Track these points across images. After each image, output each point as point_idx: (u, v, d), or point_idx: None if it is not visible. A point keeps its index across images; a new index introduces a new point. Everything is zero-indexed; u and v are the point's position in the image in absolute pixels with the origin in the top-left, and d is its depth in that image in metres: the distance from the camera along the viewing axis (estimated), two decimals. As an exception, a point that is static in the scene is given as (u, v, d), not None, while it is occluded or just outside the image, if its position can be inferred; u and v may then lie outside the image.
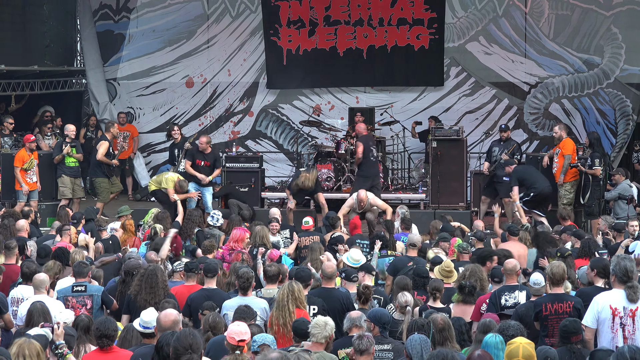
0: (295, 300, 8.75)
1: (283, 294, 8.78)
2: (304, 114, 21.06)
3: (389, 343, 8.11)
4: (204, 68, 21.51)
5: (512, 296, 9.41)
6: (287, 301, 8.71)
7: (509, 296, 9.42)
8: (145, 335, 7.82)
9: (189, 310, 9.43)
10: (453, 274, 10.45)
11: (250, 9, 21.27)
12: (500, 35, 20.56)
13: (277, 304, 8.78)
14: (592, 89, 20.35)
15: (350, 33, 20.77)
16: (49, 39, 21.19)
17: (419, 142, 20.26)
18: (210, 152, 16.96)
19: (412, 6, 20.50)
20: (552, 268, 9.03)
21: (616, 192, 16.38)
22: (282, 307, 8.71)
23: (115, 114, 21.24)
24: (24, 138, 16.60)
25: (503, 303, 9.36)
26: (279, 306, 8.74)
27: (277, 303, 8.80)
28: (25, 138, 16.57)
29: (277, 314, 8.70)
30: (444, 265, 10.55)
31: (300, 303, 8.80)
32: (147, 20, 21.51)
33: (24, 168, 16.31)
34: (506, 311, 9.23)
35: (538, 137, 20.63)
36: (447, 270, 10.45)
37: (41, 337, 7.23)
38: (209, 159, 16.86)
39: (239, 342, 7.04)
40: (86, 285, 9.84)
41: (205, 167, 16.79)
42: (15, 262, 11.09)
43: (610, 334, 8.20)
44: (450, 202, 18.04)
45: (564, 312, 8.68)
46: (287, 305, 8.69)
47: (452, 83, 20.89)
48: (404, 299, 9.11)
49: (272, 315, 8.81)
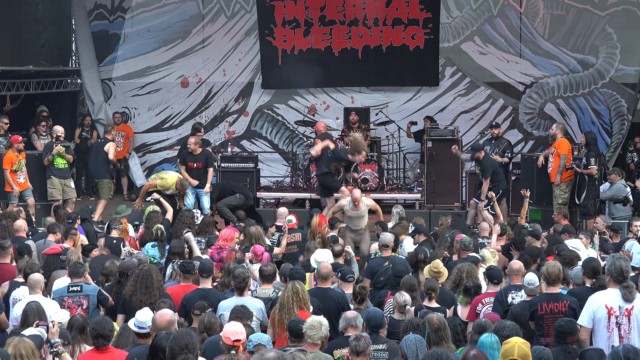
0: (300, 302, 8.72)
1: (287, 296, 8.72)
2: (299, 113, 21.07)
3: (384, 343, 8.10)
4: (199, 68, 21.51)
5: (519, 294, 9.37)
6: (292, 303, 8.67)
7: (516, 294, 9.39)
8: (140, 335, 7.81)
9: (185, 310, 9.42)
10: (441, 274, 10.44)
11: (245, 9, 21.26)
12: (495, 35, 20.58)
13: (280, 305, 8.73)
14: (587, 89, 20.38)
15: (345, 33, 20.78)
16: (44, 39, 21.17)
17: (414, 142, 20.27)
18: (200, 153, 16.64)
19: (407, 6, 20.51)
20: (548, 268, 9.05)
21: (611, 192, 16.40)
22: (287, 308, 8.65)
23: (110, 114, 21.23)
24: (11, 139, 16.49)
25: (510, 301, 9.34)
26: (282, 307, 8.69)
27: (280, 304, 8.74)
28: (12, 139, 16.46)
29: (281, 315, 8.66)
30: (433, 265, 10.56)
31: (304, 304, 8.77)
32: (142, 20, 21.49)
33: (13, 170, 16.23)
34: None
35: (533, 137, 20.65)
36: (435, 271, 10.46)
37: (36, 336, 7.22)
38: (200, 160, 16.60)
39: (234, 342, 7.03)
40: (82, 285, 9.83)
41: (197, 168, 16.58)
42: (10, 262, 11.07)
43: (606, 333, 8.21)
44: (445, 202, 18.07)
45: (560, 312, 8.69)
46: (292, 308, 8.64)
47: (447, 83, 20.90)
48: (402, 298, 9.10)
49: (275, 316, 8.76)
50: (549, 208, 16.29)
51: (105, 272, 10.56)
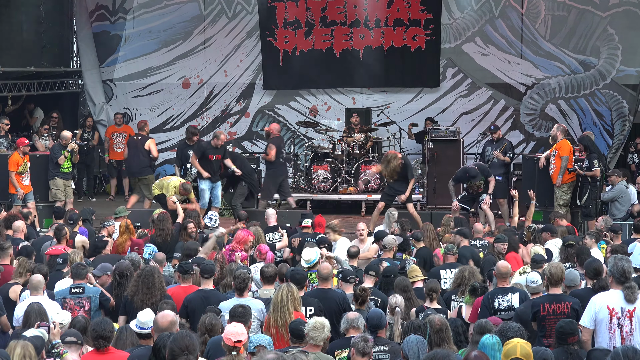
0: (294, 302, 8.73)
1: (282, 296, 8.72)
2: (301, 114, 21.07)
3: (385, 344, 8.09)
4: (200, 69, 21.52)
5: (506, 299, 9.39)
6: (286, 302, 8.66)
7: (502, 299, 9.39)
8: (141, 336, 7.81)
9: (186, 311, 9.41)
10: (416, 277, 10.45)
11: (246, 10, 21.27)
12: (497, 36, 20.57)
13: (274, 306, 8.73)
14: (589, 90, 20.37)
15: (346, 34, 20.78)
16: (46, 40, 21.18)
17: (415, 143, 20.27)
18: (221, 147, 17.02)
19: (409, 7, 20.51)
20: (551, 268, 9.06)
21: (612, 194, 16.37)
22: (280, 308, 8.66)
23: (111, 115, 21.24)
24: (18, 141, 16.53)
25: (496, 306, 9.33)
26: (276, 308, 8.68)
27: (274, 305, 8.74)
28: (18, 141, 16.50)
29: (275, 316, 8.66)
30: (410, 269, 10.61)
31: (298, 305, 8.78)
32: (143, 21, 21.51)
33: (18, 172, 16.28)
34: (500, 314, 9.18)
35: (534, 138, 20.64)
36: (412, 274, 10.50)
37: (37, 338, 7.22)
38: (220, 152, 16.95)
39: (235, 343, 7.03)
40: (84, 287, 9.83)
41: (217, 160, 16.88)
42: (10, 263, 11.06)
43: (608, 334, 8.22)
44: (447, 203, 18.00)
45: (562, 313, 8.70)
46: (286, 307, 8.63)
47: (449, 84, 20.90)
48: (394, 300, 9.09)
49: (269, 318, 8.76)
50: (550, 209, 16.26)
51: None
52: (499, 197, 16.97)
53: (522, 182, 17.62)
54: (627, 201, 16.24)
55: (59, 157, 16.76)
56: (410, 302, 9.51)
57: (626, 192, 16.34)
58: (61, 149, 16.85)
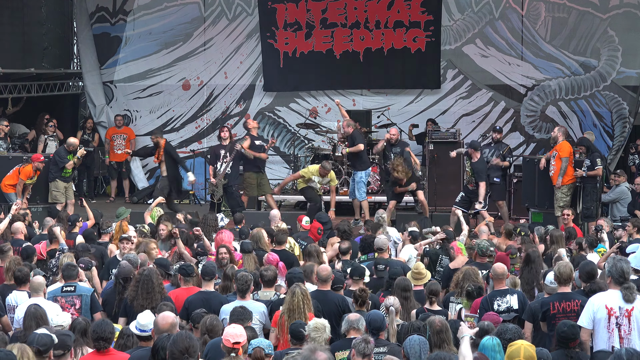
0: (308, 304, 8.71)
1: (297, 299, 8.64)
2: (301, 116, 21.06)
3: (385, 345, 8.08)
4: (200, 70, 21.52)
5: (504, 300, 9.41)
6: (302, 306, 8.60)
7: (501, 301, 9.42)
8: (141, 338, 7.81)
9: (187, 312, 9.39)
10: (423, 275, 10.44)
11: (246, 12, 21.28)
12: (497, 37, 20.57)
13: (289, 310, 8.62)
14: (589, 92, 20.37)
15: (346, 36, 20.78)
16: (46, 41, 21.19)
17: (416, 144, 20.26)
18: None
19: (409, 9, 20.51)
20: (560, 267, 9.08)
21: (614, 195, 16.37)
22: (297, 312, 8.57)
23: (112, 117, 21.25)
24: (33, 157, 16.81)
25: (496, 308, 9.34)
26: (293, 312, 8.59)
27: (289, 310, 8.63)
28: (34, 157, 16.79)
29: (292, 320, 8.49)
30: (414, 267, 10.60)
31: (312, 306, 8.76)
32: (143, 22, 21.51)
33: (26, 183, 16.53)
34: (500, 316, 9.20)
35: (535, 140, 20.64)
36: (416, 272, 10.47)
37: (47, 336, 7.20)
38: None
39: (234, 344, 7.04)
40: (76, 285, 9.81)
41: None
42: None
43: (606, 334, 8.23)
44: (447, 205, 17.99)
45: (572, 311, 8.75)
46: (303, 311, 8.57)
47: (449, 86, 20.90)
48: (388, 301, 9.08)
49: (284, 321, 8.66)
50: (550, 211, 16.29)
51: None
52: (498, 199, 16.99)
53: (522, 183, 17.62)
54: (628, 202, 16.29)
55: (66, 162, 16.89)
56: (408, 302, 9.53)
57: (628, 193, 16.37)
58: (67, 154, 16.92)
